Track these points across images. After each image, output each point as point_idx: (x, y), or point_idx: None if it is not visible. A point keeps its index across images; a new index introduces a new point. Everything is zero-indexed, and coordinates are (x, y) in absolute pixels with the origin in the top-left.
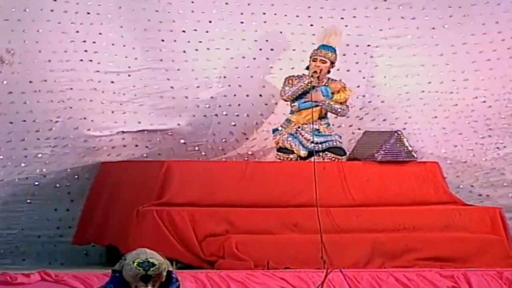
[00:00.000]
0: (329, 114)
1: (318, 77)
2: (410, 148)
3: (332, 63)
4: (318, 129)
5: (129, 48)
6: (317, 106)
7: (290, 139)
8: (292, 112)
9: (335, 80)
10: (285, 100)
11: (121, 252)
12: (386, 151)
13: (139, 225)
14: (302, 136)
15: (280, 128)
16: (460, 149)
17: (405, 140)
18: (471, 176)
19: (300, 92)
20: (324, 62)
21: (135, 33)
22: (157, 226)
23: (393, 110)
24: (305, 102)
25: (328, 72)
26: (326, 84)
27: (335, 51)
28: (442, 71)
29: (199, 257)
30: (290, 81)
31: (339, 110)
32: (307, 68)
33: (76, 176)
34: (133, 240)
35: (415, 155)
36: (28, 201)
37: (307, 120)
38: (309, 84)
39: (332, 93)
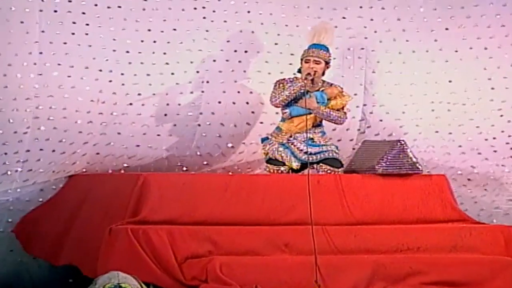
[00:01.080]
0: (325, 122)
1: (312, 80)
2: (414, 160)
3: (327, 63)
4: (312, 139)
5: (109, 49)
6: (310, 113)
7: (281, 149)
8: (283, 120)
9: (331, 85)
10: (276, 106)
11: (82, 274)
12: (388, 163)
13: (111, 245)
14: (294, 146)
15: (269, 137)
16: (480, 170)
17: (408, 150)
18: (490, 204)
19: (292, 97)
20: (318, 62)
21: (114, 33)
22: (132, 246)
23: (400, 123)
24: (297, 108)
25: (323, 74)
26: (322, 89)
27: (328, 50)
28: (450, 79)
29: (179, 281)
30: (281, 85)
31: (335, 117)
32: (299, 70)
33: (50, 194)
34: (105, 262)
35: (420, 167)
36: None
37: (300, 129)
38: (302, 88)
39: (328, 99)
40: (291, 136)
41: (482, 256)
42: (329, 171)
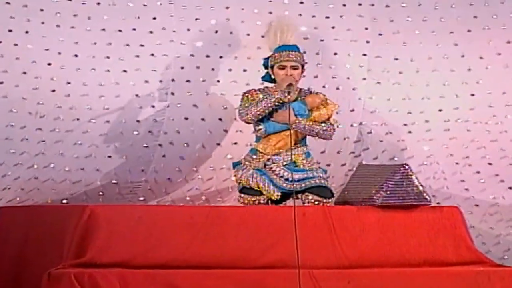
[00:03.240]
0: (309, 141)
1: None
2: (421, 188)
3: (303, 66)
4: (294, 162)
5: (53, 52)
6: (289, 129)
7: (257, 176)
8: (258, 139)
9: (311, 92)
10: (246, 122)
11: None
12: (389, 192)
13: None
14: (273, 171)
15: (243, 162)
16: (502, 202)
17: (414, 177)
18: None
19: (268, 111)
20: (296, 67)
21: (60, 32)
22: None
23: (404, 145)
24: (274, 124)
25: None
26: (301, 99)
27: (300, 50)
28: (472, 91)
29: None
30: (251, 96)
31: (321, 131)
32: (266, 79)
33: None
34: None
35: (427, 197)
36: None
37: (279, 149)
38: (281, 101)
39: (310, 110)
40: (268, 159)
41: None
42: (316, 202)
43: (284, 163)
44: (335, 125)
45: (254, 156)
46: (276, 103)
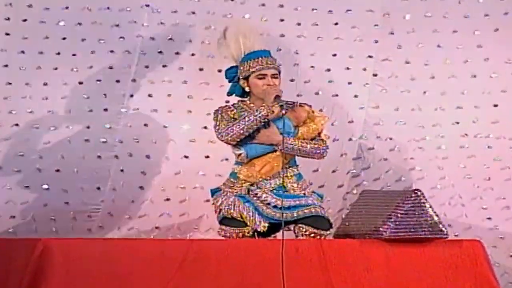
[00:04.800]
0: (298, 159)
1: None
2: (436, 218)
3: (279, 73)
4: (283, 186)
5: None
6: (275, 150)
7: (239, 203)
8: (239, 164)
9: (294, 104)
10: (227, 143)
11: None
12: (398, 223)
13: None
14: (259, 198)
15: (222, 188)
16: None
17: (427, 205)
18: None
19: (252, 130)
20: (276, 76)
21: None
22: None
23: (413, 164)
24: (256, 146)
25: None
26: (284, 113)
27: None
28: (496, 102)
29: None
30: (225, 114)
31: (311, 150)
32: (235, 92)
33: None
34: None
35: (444, 229)
36: None
37: (265, 174)
38: (266, 118)
39: (296, 126)
40: (252, 185)
41: None
42: (312, 235)
43: (271, 188)
44: (328, 142)
45: (236, 182)
46: (262, 121)
